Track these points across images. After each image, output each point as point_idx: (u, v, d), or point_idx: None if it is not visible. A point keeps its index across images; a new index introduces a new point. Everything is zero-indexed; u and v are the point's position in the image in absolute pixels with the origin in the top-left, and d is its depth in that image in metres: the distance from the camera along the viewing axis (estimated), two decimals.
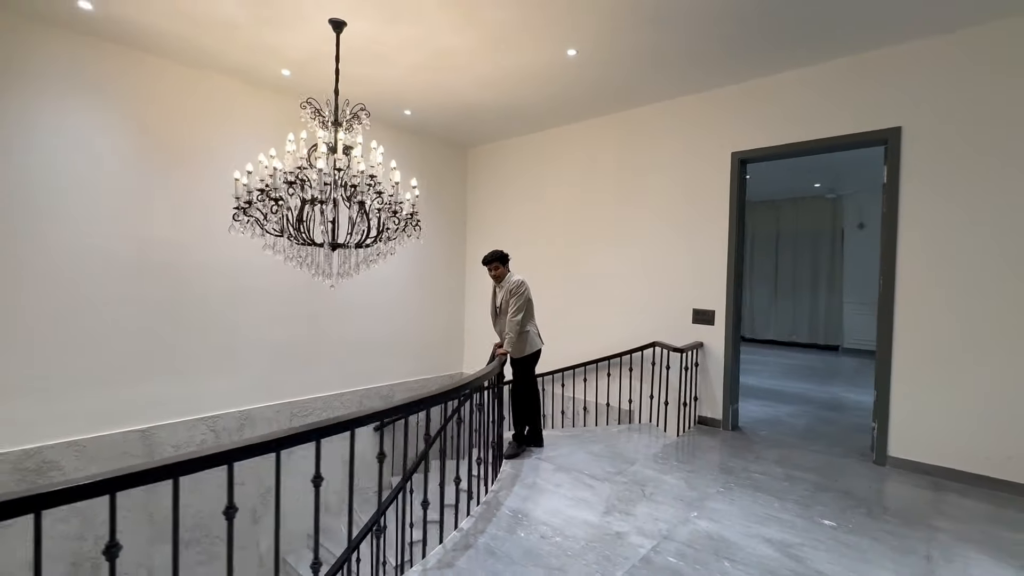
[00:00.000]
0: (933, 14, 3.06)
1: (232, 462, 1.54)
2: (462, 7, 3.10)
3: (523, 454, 3.52)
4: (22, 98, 3.29)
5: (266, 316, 4.58)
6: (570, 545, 2.33)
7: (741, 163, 4.14)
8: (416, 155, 5.89)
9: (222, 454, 1.52)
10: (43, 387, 3.40)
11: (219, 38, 3.55)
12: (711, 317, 4.26)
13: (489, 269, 3.59)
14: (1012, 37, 3.06)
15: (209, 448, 1.56)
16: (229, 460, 1.53)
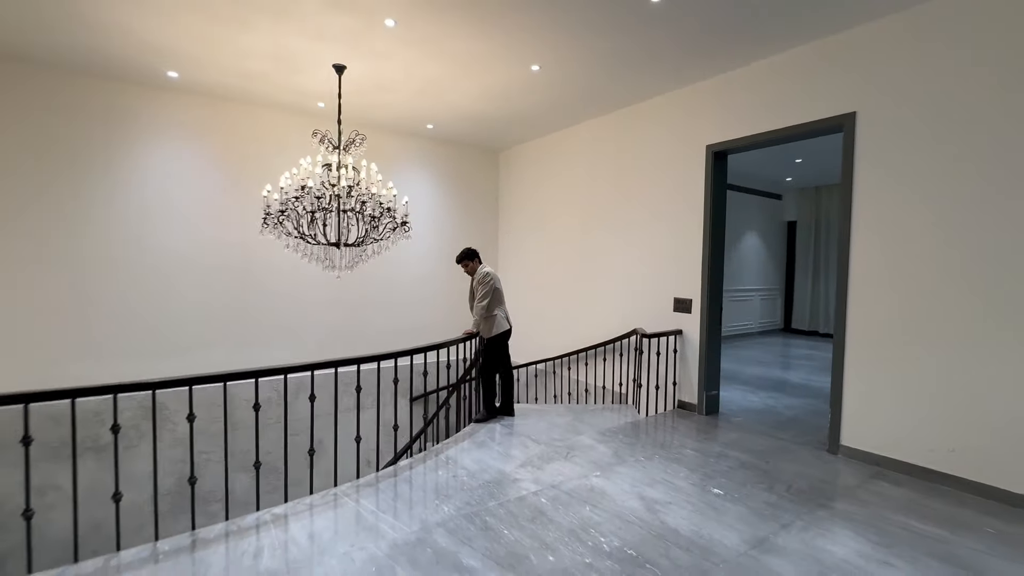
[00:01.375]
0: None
1: (287, 374, 2.49)
2: (427, 44, 3.74)
3: (491, 420, 4.10)
4: (132, 142, 4.64)
5: (318, 302, 5.68)
6: (471, 483, 2.90)
7: (715, 155, 4.23)
8: (448, 160, 6.66)
9: (276, 369, 2.59)
10: (149, 351, 4.76)
11: (263, 85, 4.61)
12: (689, 306, 4.43)
13: (462, 266, 4.19)
14: (959, 12, 2.90)
15: (264, 367, 2.59)
16: (285, 373, 2.70)
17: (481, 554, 2.16)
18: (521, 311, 6.92)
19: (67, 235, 4.41)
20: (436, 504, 2.64)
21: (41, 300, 4.33)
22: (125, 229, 4.65)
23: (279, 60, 4.06)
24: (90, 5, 3.24)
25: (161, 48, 3.87)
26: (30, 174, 4.24)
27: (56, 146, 4.33)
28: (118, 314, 4.64)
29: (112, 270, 4.61)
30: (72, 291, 4.45)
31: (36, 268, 4.30)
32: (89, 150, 4.47)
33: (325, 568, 2.05)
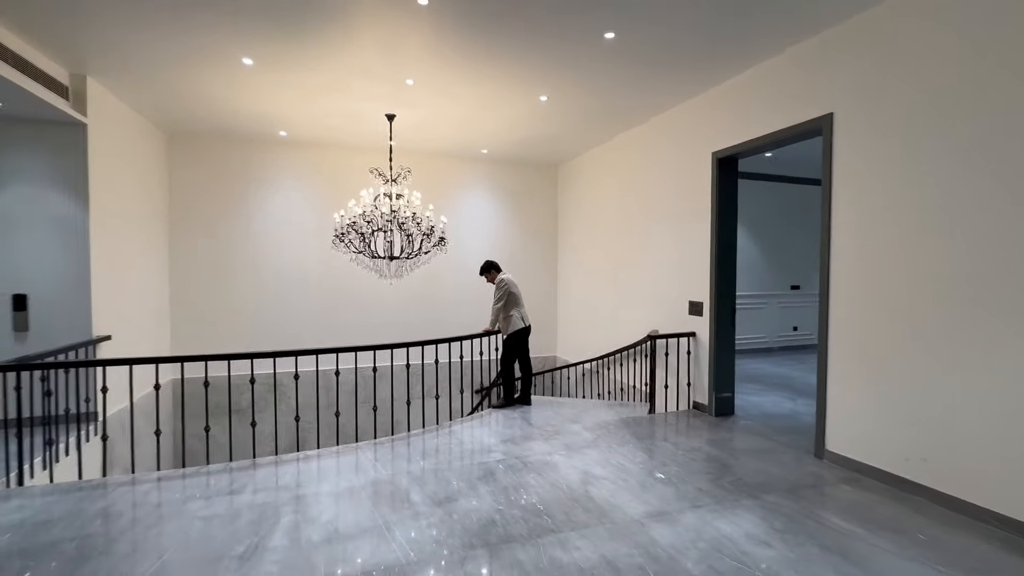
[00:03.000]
0: None
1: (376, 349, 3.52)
2: (445, 93, 4.56)
3: (507, 408, 4.71)
4: (258, 185, 6.24)
5: (397, 303, 6.85)
6: (454, 449, 3.59)
7: (719, 161, 4.34)
8: (507, 178, 7.44)
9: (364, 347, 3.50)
10: (270, 339, 6.29)
11: (341, 134, 5.87)
12: (700, 309, 4.55)
13: (485, 278, 4.86)
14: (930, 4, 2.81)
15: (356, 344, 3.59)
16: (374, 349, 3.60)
17: (426, 494, 2.85)
18: (574, 316, 7.40)
19: (220, 253, 6.14)
20: (417, 460, 3.39)
21: (204, 302, 6.10)
22: (254, 250, 6.28)
23: (348, 116, 5.23)
24: (234, 97, 4.68)
25: (275, 117, 5.29)
26: (201, 212, 6.04)
27: (214, 190, 6.08)
28: (250, 312, 6.28)
29: (246, 280, 6.26)
30: (223, 296, 6.17)
31: (204, 279, 6.08)
32: (232, 192, 6.17)
33: (316, 488, 2.92)
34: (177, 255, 6.01)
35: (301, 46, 3.65)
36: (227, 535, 2.39)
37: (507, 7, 3.14)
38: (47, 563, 2.15)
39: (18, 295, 4.04)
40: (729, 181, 4.39)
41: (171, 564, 2.16)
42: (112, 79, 4.25)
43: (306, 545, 2.30)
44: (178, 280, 6.02)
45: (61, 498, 2.80)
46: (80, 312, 4.16)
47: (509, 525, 2.49)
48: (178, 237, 6.01)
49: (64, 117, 4.02)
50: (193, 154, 6.03)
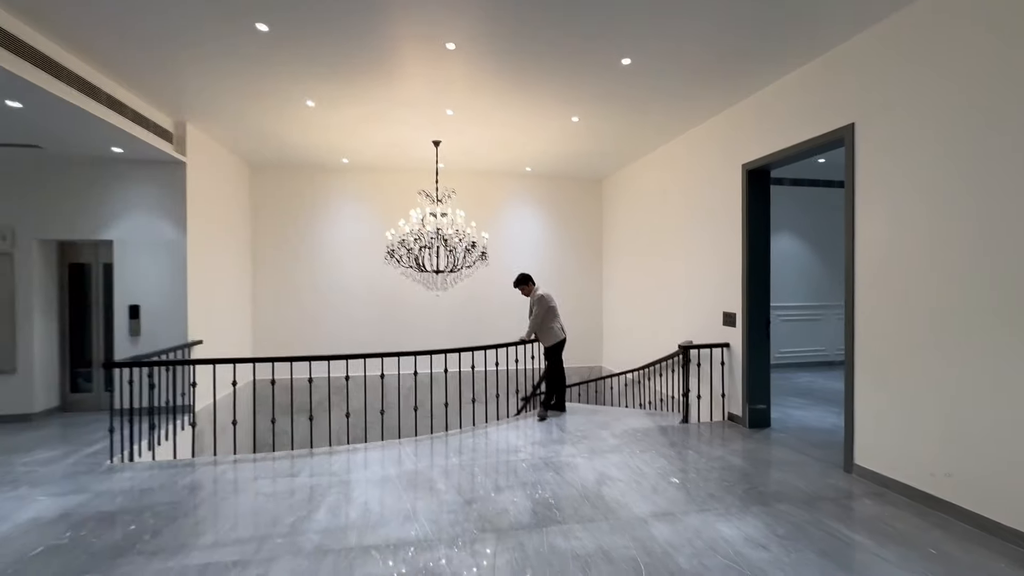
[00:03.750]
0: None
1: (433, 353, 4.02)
2: (481, 120, 4.96)
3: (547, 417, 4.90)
4: (325, 207, 6.96)
5: (444, 313, 7.32)
6: (484, 448, 3.89)
7: (749, 173, 4.36)
8: (551, 193, 7.72)
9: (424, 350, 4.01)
10: (335, 346, 6.95)
11: (395, 159, 6.44)
12: (734, 319, 4.56)
13: (520, 290, 5.01)
14: (942, 14, 2.78)
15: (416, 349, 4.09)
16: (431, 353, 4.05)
17: (451, 484, 3.17)
18: (617, 327, 7.49)
19: (294, 269, 6.92)
20: (449, 456, 3.72)
21: (280, 313, 6.89)
22: (322, 265, 7.00)
23: (399, 144, 5.78)
24: (301, 132, 5.37)
25: (337, 146, 5.95)
26: (277, 232, 6.86)
27: (288, 213, 6.89)
28: (318, 321, 6.99)
29: (315, 293, 6.98)
30: (296, 307, 6.93)
31: (281, 292, 6.88)
32: (304, 214, 6.94)
33: (358, 475, 3.34)
34: (258, 271, 6.85)
35: (351, 87, 4.18)
36: (282, 508, 2.84)
37: (528, 43, 3.46)
38: (147, 519, 2.70)
39: (133, 305, 4.88)
40: (760, 192, 4.39)
41: (237, 526, 2.63)
42: (206, 123, 5.04)
43: (344, 520, 2.69)
44: (259, 293, 6.85)
45: (159, 472, 3.42)
46: (178, 320, 4.94)
47: (520, 515, 2.74)
48: (259, 255, 6.85)
49: (168, 158, 4.83)
50: (272, 181, 6.87)
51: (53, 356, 5.01)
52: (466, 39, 3.40)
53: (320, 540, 2.47)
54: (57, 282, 5.08)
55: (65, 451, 3.95)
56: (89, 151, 4.57)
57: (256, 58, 3.64)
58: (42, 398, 4.84)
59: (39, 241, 4.85)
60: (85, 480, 3.30)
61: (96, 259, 5.18)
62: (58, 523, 2.68)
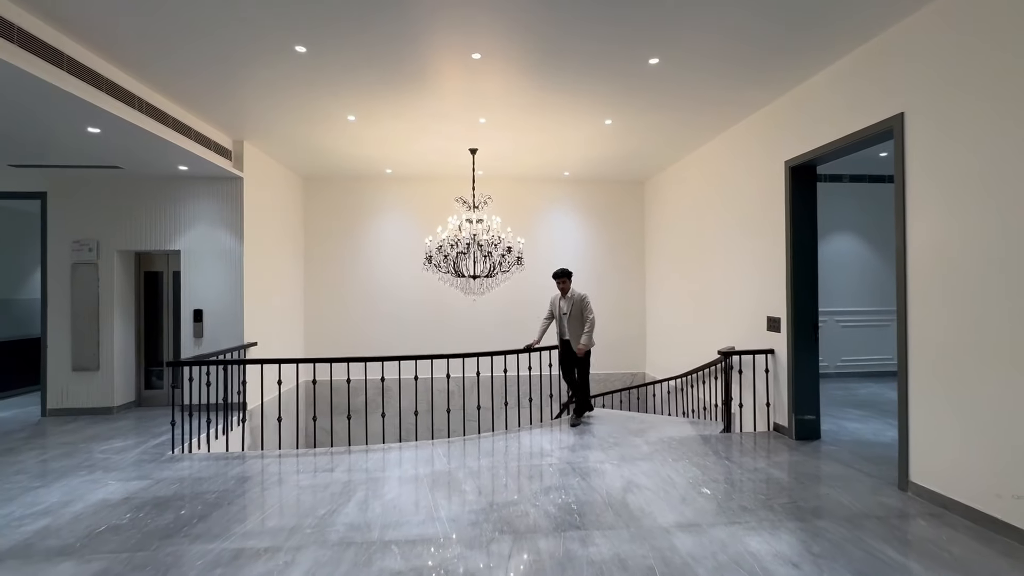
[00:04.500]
0: None
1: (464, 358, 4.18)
2: (513, 127, 5.02)
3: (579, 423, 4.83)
4: (370, 215, 7.26)
5: (489, 322, 7.42)
6: (514, 451, 3.91)
7: (792, 170, 4.14)
8: (590, 197, 7.66)
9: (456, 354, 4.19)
10: (382, 347, 7.22)
11: (435, 168, 6.63)
12: (778, 324, 4.33)
13: (559, 282, 4.81)
14: None
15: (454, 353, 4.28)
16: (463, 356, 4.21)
17: (476, 485, 3.22)
18: (660, 332, 7.30)
19: (343, 275, 7.27)
20: (478, 457, 3.77)
21: (330, 317, 7.25)
22: (369, 272, 7.31)
23: (437, 153, 5.95)
24: (345, 145, 5.68)
25: (380, 158, 6.22)
26: (327, 240, 7.25)
27: (337, 221, 7.26)
28: (365, 325, 7.30)
29: (363, 298, 7.30)
30: (344, 312, 7.28)
31: (330, 297, 7.26)
32: (351, 223, 7.29)
33: (389, 473, 3.46)
34: (310, 277, 7.26)
35: (387, 102, 4.37)
36: (315, 501, 2.99)
37: (553, 48, 3.48)
38: (196, 505, 2.94)
39: (197, 309, 5.32)
40: (804, 190, 4.16)
41: (273, 515, 2.80)
42: (260, 140, 5.43)
43: (370, 515, 2.80)
44: (311, 298, 7.25)
45: (212, 463, 3.70)
46: (236, 323, 5.33)
47: (540, 519, 2.73)
48: (311, 262, 7.26)
49: (227, 173, 5.25)
50: (322, 192, 7.28)
51: (130, 356, 5.55)
52: (492, 49, 3.48)
53: (345, 533, 2.59)
54: (134, 289, 5.63)
55: (136, 441, 4.35)
56: (160, 170, 5.05)
57: (300, 79, 3.89)
58: (121, 393, 5.37)
59: (119, 252, 5.40)
60: (149, 468, 3.63)
61: (167, 267, 5.69)
62: (121, 505, 2.97)
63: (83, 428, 4.77)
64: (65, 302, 5.27)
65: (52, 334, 5.24)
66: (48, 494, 3.18)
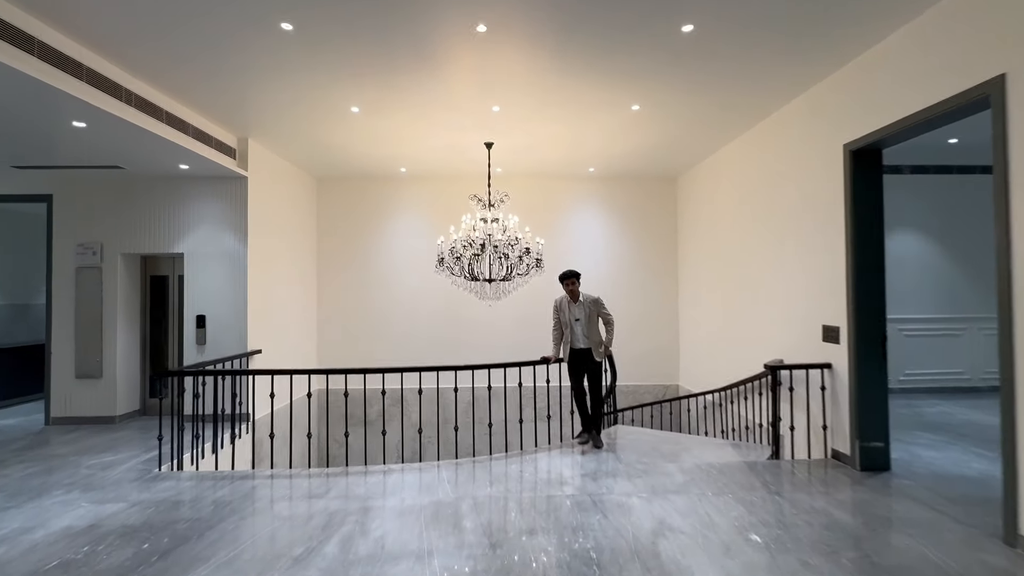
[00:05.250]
0: None
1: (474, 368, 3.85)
2: (530, 116, 4.59)
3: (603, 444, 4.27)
4: (385, 216, 6.95)
5: (501, 324, 6.98)
6: (527, 478, 3.44)
7: (853, 155, 3.54)
8: (618, 194, 7.14)
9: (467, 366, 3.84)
10: (398, 354, 6.88)
11: (451, 164, 6.25)
12: (836, 334, 3.72)
13: (568, 284, 4.23)
14: None
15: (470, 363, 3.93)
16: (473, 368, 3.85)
17: (480, 522, 2.77)
18: (696, 341, 6.69)
19: (358, 280, 6.98)
20: (487, 486, 3.32)
21: (344, 323, 6.97)
22: (384, 277, 7.00)
23: (451, 148, 5.58)
24: (352, 140, 5.37)
25: (393, 155, 5.90)
26: (342, 242, 6.98)
27: (352, 224, 6.98)
28: (381, 331, 6.97)
29: (381, 303, 6.99)
30: (360, 317, 6.98)
31: (346, 301, 6.98)
32: (366, 225, 7.00)
33: (386, 501, 3.05)
34: (323, 281, 6.99)
35: (392, 89, 4.01)
36: (294, 536, 2.61)
37: (569, 17, 3.04)
38: (162, 538, 2.59)
39: (200, 315, 5.09)
40: (869, 178, 3.56)
41: (245, 553, 2.42)
42: (265, 137, 5.18)
43: (352, 557, 2.39)
44: (324, 302, 6.99)
45: (196, 484, 3.38)
46: (239, 330, 5.06)
47: (550, 570, 2.26)
48: (324, 265, 7.00)
49: (231, 173, 5.01)
50: (336, 193, 7.02)
51: (135, 363, 5.37)
52: (499, 19, 3.06)
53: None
54: (140, 293, 5.46)
55: (128, 455, 4.10)
56: (161, 169, 4.85)
57: (297, 66, 3.58)
58: (124, 402, 5.18)
59: (123, 255, 5.24)
60: (128, 489, 3.34)
61: (173, 271, 5.50)
62: (83, 535, 2.66)
63: (82, 439, 4.57)
64: (69, 307, 5.13)
65: (56, 340, 5.11)
66: (13, 518, 2.91)
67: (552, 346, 4.36)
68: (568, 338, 4.25)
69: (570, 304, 4.33)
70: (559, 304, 4.35)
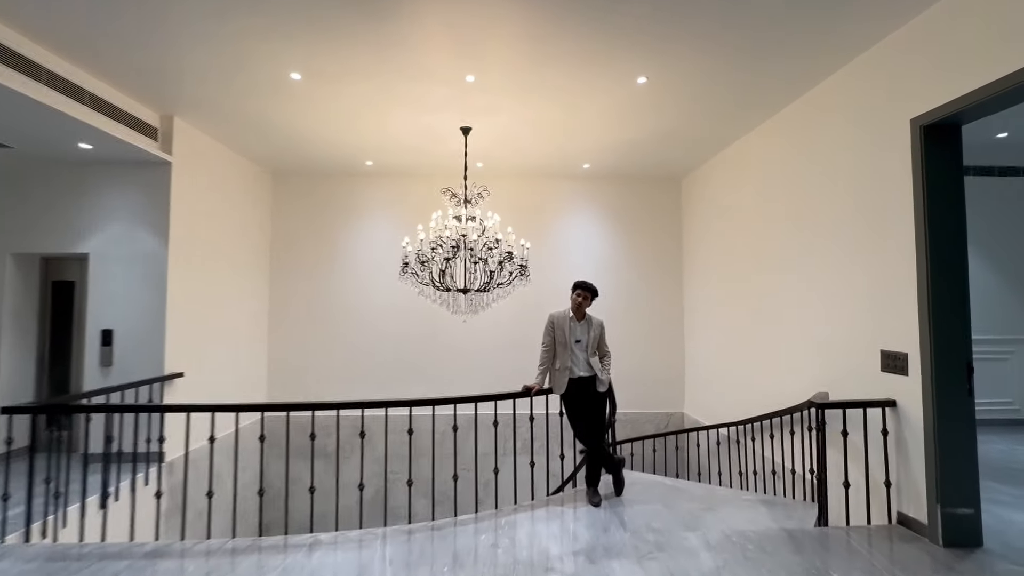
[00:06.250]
0: None
1: None
2: (512, 89, 3.79)
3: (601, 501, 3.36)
4: (349, 221, 6.08)
5: (487, 349, 6.08)
6: (498, 559, 2.52)
7: (925, 132, 2.75)
8: (615, 196, 6.34)
9: None
10: (362, 377, 5.92)
11: (423, 155, 5.41)
12: (903, 363, 2.88)
13: (579, 296, 3.42)
14: None
15: None
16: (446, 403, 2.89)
17: None
18: (705, 364, 5.85)
19: (316, 289, 6.06)
20: (443, 570, 2.39)
21: (299, 339, 6.02)
22: (347, 282, 6.09)
23: (423, 134, 4.73)
24: (309, 125, 4.51)
25: (355, 144, 5.06)
26: (299, 247, 6.08)
27: (311, 226, 6.09)
28: (343, 348, 6.04)
29: (340, 315, 6.07)
30: (317, 333, 6.04)
31: (301, 315, 6.04)
32: (326, 227, 6.11)
33: None
34: (278, 292, 6.06)
35: (339, 53, 3.17)
36: None
37: None
38: None
39: (105, 330, 4.14)
40: (946, 159, 2.76)
41: None
42: (197, 117, 4.32)
43: None
44: (276, 315, 6.04)
45: (39, 567, 2.41)
46: (154, 348, 4.12)
47: None
48: (280, 273, 6.07)
49: (152, 158, 4.11)
50: (294, 190, 6.14)
51: (27, 386, 4.38)
52: None
53: None
54: (37, 302, 4.49)
55: None
56: (57, 149, 3.95)
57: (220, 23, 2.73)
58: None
59: (14, 255, 4.29)
60: None
61: (82, 276, 4.55)
62: None
63: None
64: None
65: None
66: None
67: (537, 371, 3.48)
68: (565, 364, 3.37)
69: (572, 322, 3.47)
70: (556, 320, 3.48)
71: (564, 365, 3.37)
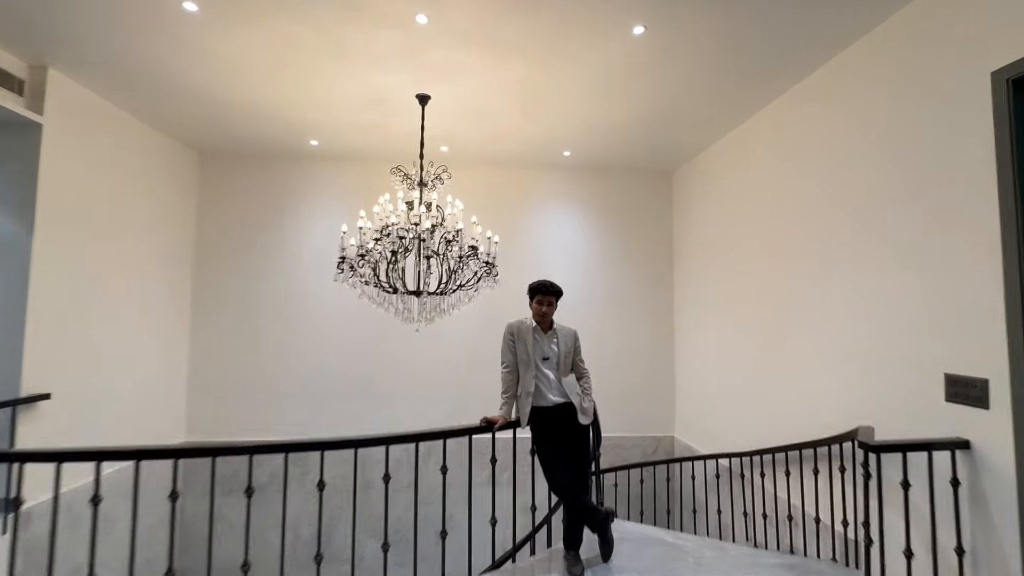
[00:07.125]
0: None
1: None
2: (474, 36, 3.00)
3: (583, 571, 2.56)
4: (293, 205, 5.21)
5: (452, 359, 5.26)
6: None
7: (1015, 87, 2.08)
8: (600, 189, 5.63)
9: None
10: (307, 392, 5.03)
11: (377, 135, 4.59)
12: (980, 392, 2.18)
13: (541, 302, 2.70)
14: None
15: None
16: None
17: None
18: (701, 382, 5.14)
19: (248, 293, 5.15)
20: None
21: (232, 340, 5.09)
22: (287, 282, 5.21)
23: (373, 103, 3.93)
24: (248, 94, 3.65)
25: (300, 120, 4.26)
26: (230, 242, 5.17)
27: (249, 211, 5.19)
28: (281, 360, 5.13)
29: (281, 316, 5.18)
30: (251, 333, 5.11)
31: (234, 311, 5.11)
32: (269, 213, 5.22)
33: None
34: (202, 295, 5.11)
35: None
36: None
37: None
38: None
39: None
40: None
41: None
42: (80, 70, 3.42)
43: None
44: (200, 321, 5.09)
45: None
46: (9, 360, 3.17)
47: None
48: (205, 273, 5.13)
49: (14, 117, 3.20)
50: (226, 173, 5.22)
51: None
52: None
53: None
54: None
55: None
56: None
57: None
58: None
59: None
60: None
61: None
62: None
63: None
64: None
65: None
66: None
67: (501, 399, 2.69)
68: (529, 388, 2.59)
69: (537, 333, 2.72)
70: (515, 331, 2.71)
71: (527, 391, 2.59)
